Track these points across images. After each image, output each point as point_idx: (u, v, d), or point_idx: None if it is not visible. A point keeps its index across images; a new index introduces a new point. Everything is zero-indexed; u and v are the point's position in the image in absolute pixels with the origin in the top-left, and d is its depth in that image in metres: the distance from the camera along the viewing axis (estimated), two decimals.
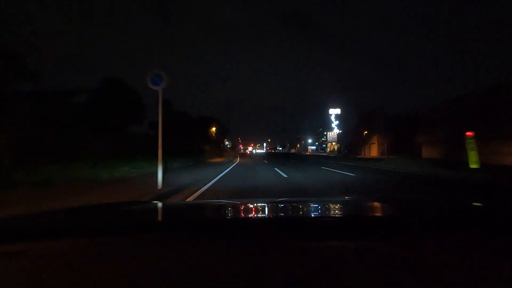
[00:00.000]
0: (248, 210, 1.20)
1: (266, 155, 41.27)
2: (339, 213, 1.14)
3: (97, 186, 5.70)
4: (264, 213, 1.18)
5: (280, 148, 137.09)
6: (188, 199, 4.71)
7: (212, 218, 1.03)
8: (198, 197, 4.89)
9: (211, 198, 4.63)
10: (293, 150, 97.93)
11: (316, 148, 77.18)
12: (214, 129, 29.79)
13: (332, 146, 54.82)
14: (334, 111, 57.08)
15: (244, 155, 45.46)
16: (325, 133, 59.95)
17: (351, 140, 42.56)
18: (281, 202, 1.43)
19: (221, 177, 8.48)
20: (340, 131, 49.27)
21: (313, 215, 1.10)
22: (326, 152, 60.20)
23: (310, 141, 79.66)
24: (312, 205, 1.33)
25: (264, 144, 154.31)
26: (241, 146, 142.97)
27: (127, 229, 0.80)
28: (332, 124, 56.96)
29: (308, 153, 66.11)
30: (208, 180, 7.33)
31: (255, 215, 1.12)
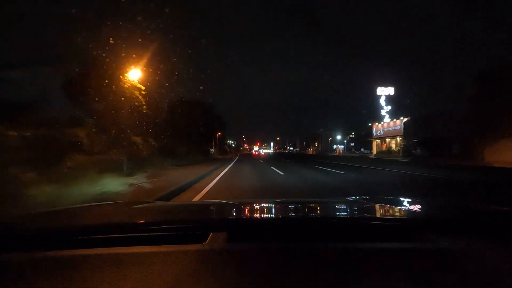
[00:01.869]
0: (252, 211, 1.15)
1: (282, 158, 22.59)
2: (343, 214, 1.11)
3: None
4: (271, 214, 1.15)
5: (291, 148, 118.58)
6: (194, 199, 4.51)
7: (212, 219, 1.02)
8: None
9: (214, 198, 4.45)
10: (309, 151, 78.41)
11: (344, 147, 57.18)
12: (138, 95, 7.74)
13: (386, 143, 35.14)
14: (384, 91, 37.35)
15: (247, 156, 30.64)
16: (369, 124, 40.01)
17: (436, 132, 23.23)
18: (285, 203, 1.47)
19: None
20: (407, 119, 29.69)
21: (316, 216, 1.07)
22: (370, 153, 40.59)
23: (339, 137, 59.64)
24: (316, 206, 1.30)
25: (272, 144, 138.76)
26: (245, 146, 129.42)
27: (128, 229, 0.78)
28: (382, 110, 37.31)
29: (337, 154, 46.60)
30: None
31: (259, 216, 1.10)
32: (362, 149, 52.12)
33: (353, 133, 66.87)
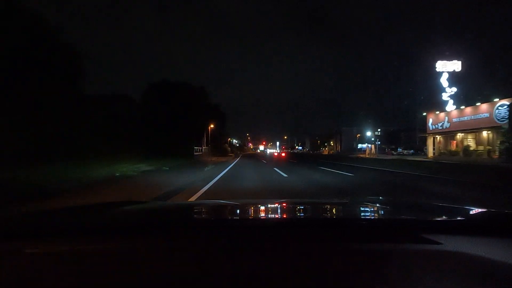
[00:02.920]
0: (249, 211, 1.15)
1: (311, 164, 13.07)
2: (338, 215, 1.10)
3: None
4: (269, 214, 1.13)
5: (300, 148, 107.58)
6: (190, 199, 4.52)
7: (211, 219, 1.02)
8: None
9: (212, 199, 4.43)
10: (325, 151, 67.26)
11: (376, 147, 45.86)
12: None
13: (455, 141, 24.03)
14: (447, 66, 26.10)
15: (251, 159, 23.89)
16: (423, 114, 28.75)
17: None
18: (283, 203, 1.42)
19: None
20: (510, 101, 18.50)
21: (314, 217, 1.06)
22: (419, 154, 29.43)
23: (368, 134, 48.22)
24: (315, 206, 1.29)
25: (277, 143, 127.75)
26: (250, 145, 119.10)
27: (125, 229, 0.78)
28: (444, 94, 26.07)
29: (368, 156, 35.36)
30: None
31: (255, 216, 1.08)
32: (399, 149, 40.92)
33: (379, 129, 55.50)
